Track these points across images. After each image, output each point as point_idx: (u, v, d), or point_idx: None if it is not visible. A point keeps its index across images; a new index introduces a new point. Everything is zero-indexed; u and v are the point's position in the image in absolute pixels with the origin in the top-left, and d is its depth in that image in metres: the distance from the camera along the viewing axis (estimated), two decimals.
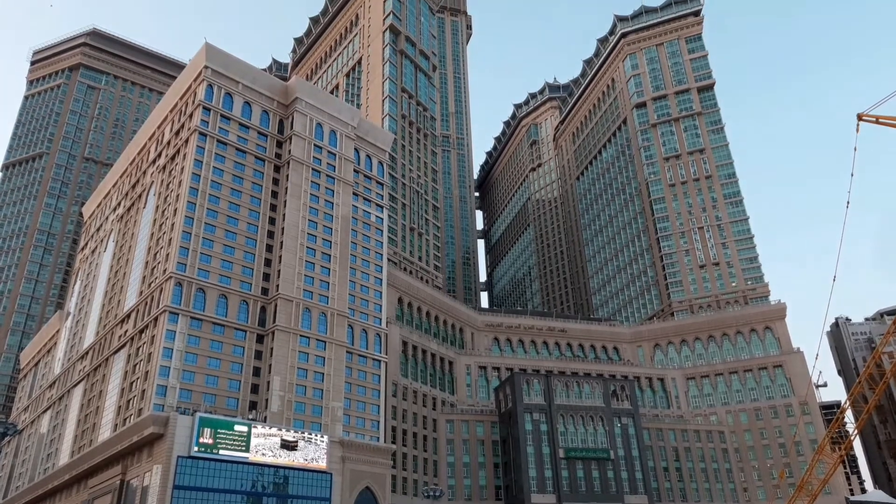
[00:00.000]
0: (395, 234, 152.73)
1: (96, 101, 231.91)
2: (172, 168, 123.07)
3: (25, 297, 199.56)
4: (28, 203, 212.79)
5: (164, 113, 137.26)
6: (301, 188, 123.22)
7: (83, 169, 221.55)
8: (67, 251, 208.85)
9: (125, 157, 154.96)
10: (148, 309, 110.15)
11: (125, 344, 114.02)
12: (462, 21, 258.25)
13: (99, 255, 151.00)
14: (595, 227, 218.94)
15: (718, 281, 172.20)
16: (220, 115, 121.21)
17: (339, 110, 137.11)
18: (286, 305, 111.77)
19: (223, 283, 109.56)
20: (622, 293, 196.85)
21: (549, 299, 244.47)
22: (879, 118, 79.61)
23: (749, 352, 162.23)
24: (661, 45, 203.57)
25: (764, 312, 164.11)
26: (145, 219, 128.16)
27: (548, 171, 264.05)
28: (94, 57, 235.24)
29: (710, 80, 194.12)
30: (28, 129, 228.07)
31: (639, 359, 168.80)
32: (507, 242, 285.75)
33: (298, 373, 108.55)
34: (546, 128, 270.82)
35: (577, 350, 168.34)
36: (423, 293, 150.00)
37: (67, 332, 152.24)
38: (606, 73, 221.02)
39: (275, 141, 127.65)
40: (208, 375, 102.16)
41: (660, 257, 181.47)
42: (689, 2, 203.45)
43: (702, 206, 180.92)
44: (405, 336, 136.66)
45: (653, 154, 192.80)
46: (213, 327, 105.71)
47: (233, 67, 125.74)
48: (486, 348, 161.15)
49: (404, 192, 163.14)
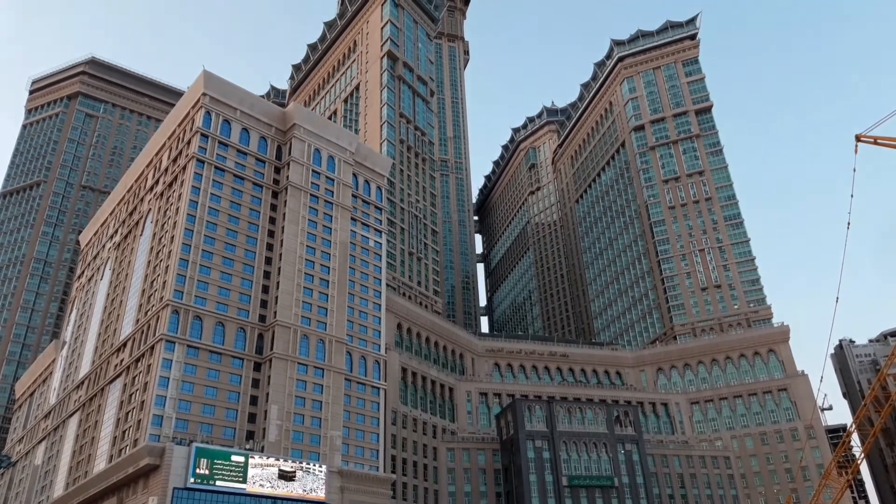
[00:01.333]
0: (393, 258, 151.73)
1: (94, 129, 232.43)
2: (170, 195, 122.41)
3: (21, 326, 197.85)
4: (25, 231, 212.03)
5: (162, 140, 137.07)
6: (299, 214, 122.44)
7: (80, 197, 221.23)
8: (64, 280, 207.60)
9: (123, 185, 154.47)
10: (144, 337, 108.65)
11: (121, 373, 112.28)
12: (459, 47, 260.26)
13: (95, 283, 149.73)
14: (595, 250, 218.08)
15: (720, 303, 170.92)
16: (218, 141, 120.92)
17: (338, 136, 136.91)
18: (284, 332, 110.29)
19: (220, 310, 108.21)
20: (624, 317, 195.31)
21: (551, 323, 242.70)
22: (878, 139, 79.20)
23: (753, 375, 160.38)
24: (658, 68, 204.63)
25: (767, 335, 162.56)
26: (142, 246, 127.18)
27: (547, 194, 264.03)
28: (92, 85, 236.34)
29: (707, 102, 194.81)
30: (26, 158, 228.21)
31: (642, 383, 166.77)
32: (507, 266, 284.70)
33: (296, 401, 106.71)
34: (544, 151, 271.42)
35: (580, 375, 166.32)
36: (423, 319, 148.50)
37: (63, 361, 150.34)
38: (604, 96, 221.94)
39: (273, 167, 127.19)
40: (205, 405, 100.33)
41: (661, 280, 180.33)
42: (686, 25, 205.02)
43: (702, 229, 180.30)
44: (404, 362, 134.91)
45: (652, 176, 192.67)
46: (210, 355, 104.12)
47: (231, 94, 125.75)
48: (486, 374, 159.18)
49: (403, 217, 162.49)
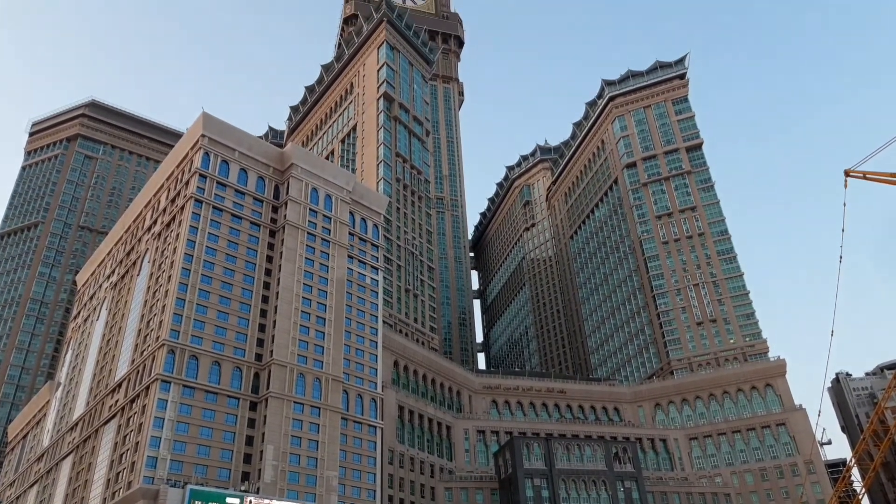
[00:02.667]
0: (390, 295, 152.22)
1: (93, 170, 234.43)
2: (168, 235, 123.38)
3: (16, 367, 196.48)
4: (22, 272, 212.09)
5: (161, 181, 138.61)
6: (296, 252, 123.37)
7: (78, 237, 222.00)
8: (60, 320, 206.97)
9: (121, 225, 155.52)
10: (140, 378, 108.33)
11: (115, 414, 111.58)
12: (454, 88, 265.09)
13: (91, 323, 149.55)
14: (591, 285, 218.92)
15: (716, 338, 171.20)
16: (217, 181, 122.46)
17: (335, 175, 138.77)
18: (280, 371, 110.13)
19: (216, 349, 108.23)
20: (620, 352, 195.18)
21: (548, 359, 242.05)
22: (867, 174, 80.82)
23: (751, 410, 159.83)
24: (649, 107, 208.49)
25: (763, 369, 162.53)
26: (139, 286, 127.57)
27: (541, 230, 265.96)
28: (92, 127, 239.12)
29: (697, 139, 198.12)
30: (24, 199, 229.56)
31: (640, 419, 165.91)
32: (503, 302, 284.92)
33: (292, 441, 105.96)
34: (539, 188, 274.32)
35: (577, 411, 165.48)
36: (419, 356, 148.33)
37: (57, 402, 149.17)
38: (596, 134, 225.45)
39: (270, 206, 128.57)
40: (200, 445, 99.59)
41: (656, 315, 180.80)
42: (675, 65, 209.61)
43: (696, 264, 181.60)
44: (401, 400, 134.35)
45: (645, 213, 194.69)
46: (206, 395, 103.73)
47: (229, 135, 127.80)
48: (484, 411, 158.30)
49: (399, 254, 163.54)
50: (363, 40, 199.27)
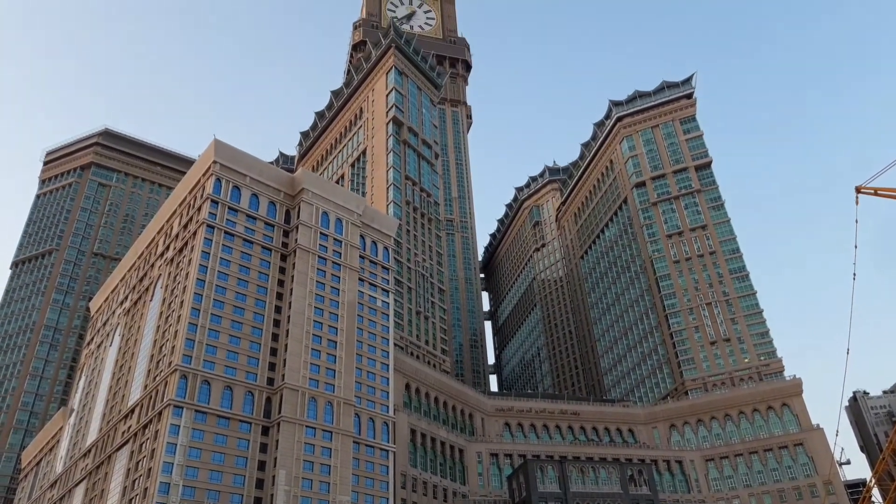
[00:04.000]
0: (401, 318, 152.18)
1: (107, 197, 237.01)
2: (180, 260, 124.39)
3: (29, 394, 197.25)
4: (36, 299, 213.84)
5: (173, 207, 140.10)
6: (307, 276, 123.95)
7: (92, 264, 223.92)
8: (73, 347, 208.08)
9: (133, 252, 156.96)
10: (152, 403, 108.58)
11: (128, 440, 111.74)
12: (462, 111, 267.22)
13: (105, 349, 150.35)
14: (602, 305, 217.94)
15: (731, 357, 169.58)
16: (228, 207, 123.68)
17: (345, 199, 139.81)
18: (292, 395, 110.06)
19: (228, 374, 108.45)
20: (634, 372, 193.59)
21: (560, 380, 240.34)
22: (878, 190, 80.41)
23: (767, 430, 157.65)
24: (657, 126, 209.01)
25: (779, 388, 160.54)
26: (152, 312, 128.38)
27: (552, 250, 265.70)
28: (105, 155, 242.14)
29: (706, 158, 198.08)
30: (39, 227, 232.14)
31: (655, 440, 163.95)
32: (515, 323, 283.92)
33: (304, 465, 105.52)
34: (548, 209, 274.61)
35: (591, 433, 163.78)
36: (431, 378, 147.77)
37: (70, 429, 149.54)
38: (604, 155, 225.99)
39: (281, 231, 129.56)
40: (212, 471, 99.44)
41: (669, 335, 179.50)
42: (681, 85, 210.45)
43: (708, 282, 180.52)
44: (413, 423, 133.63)
45: (655, 232, 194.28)
46: (218, 420, 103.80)
47: (241, 161, 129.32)
48: (496, 434, 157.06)
49: (410, 276, 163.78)
50: (372, 66, 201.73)
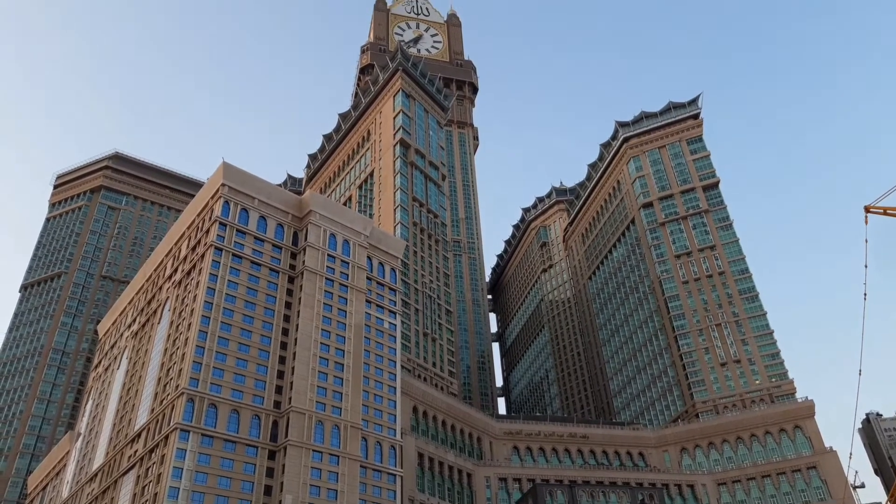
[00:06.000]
0: (408, 340, 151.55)
1: (116, 220, 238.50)
2: (188, 283, 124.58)
3: (37, 417, 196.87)
4: (44, 322, 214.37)
5: (182, 229, 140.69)
6: (314, 298, 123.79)
7: (100, 287, 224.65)
8: (81, 370, 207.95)
9: (142, 274, 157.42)
10: (159, 427, 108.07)
11: (135, 464, 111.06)
12: (469, 133, 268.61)
13: (112, 372, 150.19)
14: (611, 326, 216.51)
15: (741, 379, 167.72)
16: (237, 229, 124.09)
17: (352, 220, 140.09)
18: (299, 419, 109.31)
19: (235, 397, 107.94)
20: (644, 395, 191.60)
21: (569, 403, 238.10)
22: (887, 210, 79.76)
23: (780, 453, 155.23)
24: (664, 147, 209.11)
25: (791, 411, 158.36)
26: (159, 334, 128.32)
27: (559, 271, 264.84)
28: (115, 179, 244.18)
29: (714, 178, 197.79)
30: (48, 250, 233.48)
31: (665, 464, 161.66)
32: (523, 345, 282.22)
33: (311, 490, 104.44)
34: (555, 230, 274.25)
35: (601, 457, 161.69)
36: (439, 401, 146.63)
37: (77, 453, 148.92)
38: (611, 175, 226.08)
39: (289, 252, 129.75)
40: (218, 495, 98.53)
41: (679, 356, 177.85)
42: (688, 106, 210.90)
43: (717, 303, 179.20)
44: (421, 447, 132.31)
45: (663, 252, 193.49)
46: (225, 444, 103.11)
47: (249, 184, 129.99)
48: (505, 458, 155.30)
49: (417, 298, 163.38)
50: (379, 89, 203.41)
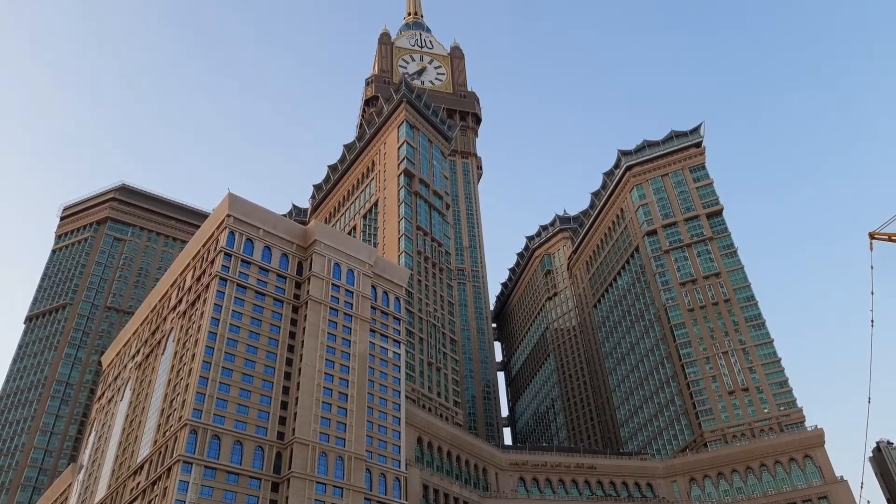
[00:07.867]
0: (412, 369, 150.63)
1: (122, 252, 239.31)
2: (193, 313, 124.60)
3: (39, 450, 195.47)
4: (48, 354, 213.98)
5: (187, 260, 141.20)
6: (319, 327, 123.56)
7: (105, 318, 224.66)
8: (84, 401, 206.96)
9: (146, 305, 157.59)
10: (162, 459, 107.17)
11: (137, 497, 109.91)
12: (472, 162, 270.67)
13: (115, 404, 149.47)
14: (617, 355, 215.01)
15: (750, 407, 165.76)
16: (241, 259, 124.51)
17: (357, 250, 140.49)
18: (302, 450, 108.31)
19: (238, 428, 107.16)
20: (651, 424, 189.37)
21: (576, 433, 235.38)
22: (892, 236, 79.83)
23: (790, 483, 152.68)
24: (667, 175, 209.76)
25: (801, 439, 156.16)
26: (163, 365, 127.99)
27: (564, 299, 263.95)
28: (122, 210, 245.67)
29: (717, 206, 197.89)
30: (54, 282, 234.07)
31: (675, 495, 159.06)
32: (528, 374, 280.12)
33: None
34: (559, 258, 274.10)
35: (609, 488, 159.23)
36: (443, 432, 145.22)
37: (79, 486, 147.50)
38: (615, 203, 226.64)
39: (294, 282, 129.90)
40: None
41: (686, 384, 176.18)
42: (690, 134, 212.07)
43: (724, 331, 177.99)
44: (426, 479, 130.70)
45: (668, 280, 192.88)
46: (228, 476, 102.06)
47: (254, 214, 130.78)
48: (511, 489, 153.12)
49: (422, 327, 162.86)
50: (384, 120, 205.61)
